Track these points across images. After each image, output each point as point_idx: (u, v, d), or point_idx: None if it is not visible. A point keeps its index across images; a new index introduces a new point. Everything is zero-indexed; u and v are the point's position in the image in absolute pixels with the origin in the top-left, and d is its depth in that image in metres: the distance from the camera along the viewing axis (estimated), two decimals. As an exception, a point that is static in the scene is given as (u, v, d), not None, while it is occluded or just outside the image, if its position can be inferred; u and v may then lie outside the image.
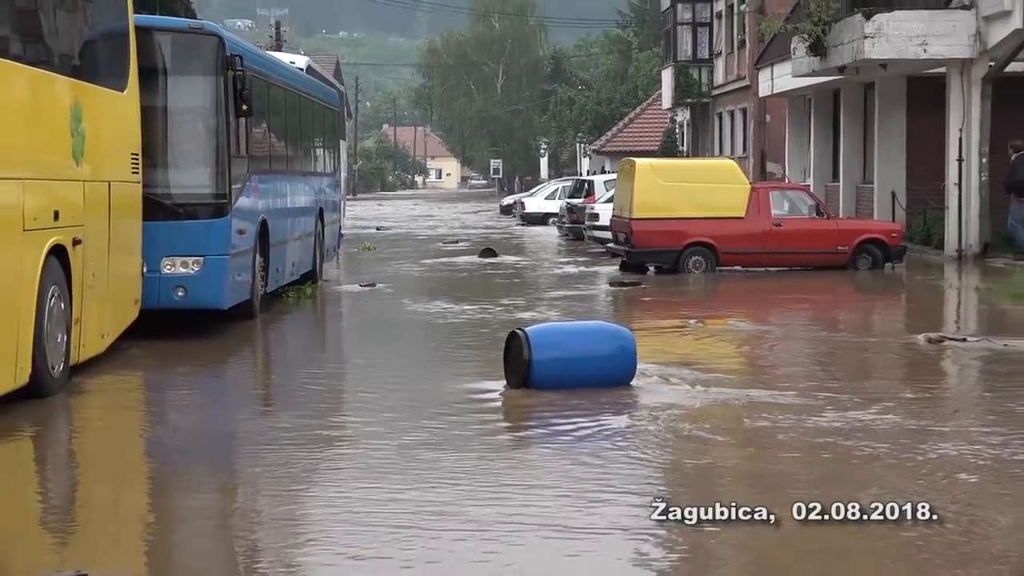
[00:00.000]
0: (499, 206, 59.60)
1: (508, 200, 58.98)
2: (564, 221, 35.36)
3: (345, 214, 28.54)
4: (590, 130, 66.08)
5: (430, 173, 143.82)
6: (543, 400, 10.08)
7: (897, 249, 22.66)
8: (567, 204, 35.68)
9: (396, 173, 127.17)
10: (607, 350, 10.60)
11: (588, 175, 47.62)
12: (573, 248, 31.29)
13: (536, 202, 46.92)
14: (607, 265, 24.67)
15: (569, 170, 71.63)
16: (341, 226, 25.30)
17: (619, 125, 60.82)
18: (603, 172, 45.35)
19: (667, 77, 47.26)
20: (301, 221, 19.08)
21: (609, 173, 38.73)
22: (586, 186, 36.49)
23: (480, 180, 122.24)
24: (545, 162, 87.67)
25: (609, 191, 29.71)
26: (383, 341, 14.99)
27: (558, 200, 41.05)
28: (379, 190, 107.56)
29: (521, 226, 44.17)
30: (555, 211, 39.94)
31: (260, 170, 15.92)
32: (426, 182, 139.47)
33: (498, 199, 68.75)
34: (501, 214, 55.17)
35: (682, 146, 50.04)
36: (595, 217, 30.00)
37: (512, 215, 51.25)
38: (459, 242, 33.80)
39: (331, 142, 23.30)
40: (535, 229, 41.57)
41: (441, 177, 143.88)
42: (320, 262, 20.76)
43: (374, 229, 40.65)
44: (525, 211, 46.78)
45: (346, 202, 31.11)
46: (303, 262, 19.32)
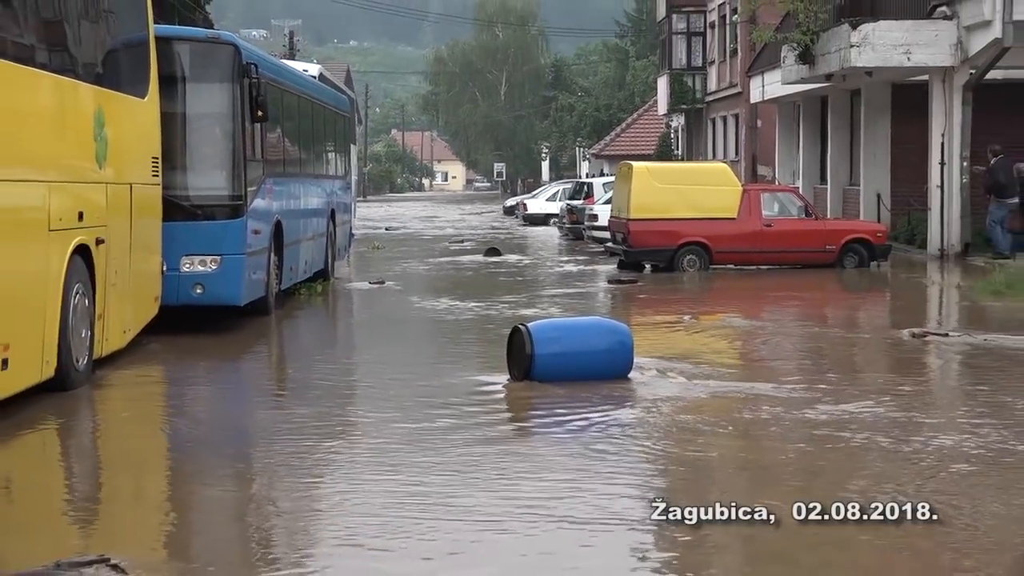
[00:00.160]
0: (502, 207, 59.56)
1: (511, 202, 58.92)
2: (564, 222, 35.30)
3: (355, 215, 28.53)
4: (589, 135, 65.99)
5: (436, 176, 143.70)
6: (544, 392, 10.05)
7: (882, 248, 22.65)
8: (567, 205, 35.61)
9: (404, 176, 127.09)
10: (606, 345, 10.59)
11: (587, 178, 47.57)
12: (573, 247, 31.23)
13: (538, 203, 46.84)
14: (605, 264, 24.64)
15: (569, 173, 71.46)
16: (352, 226, 25.28)
17: (617, 130, 60.72)
18: (602, 175, 45.25)
19: (663, 84, 47.22)
20: (314, 222, 19.05)
21: (607, 176, 38.66)
22: (585, 188, 36.45)
23: (484, 183, 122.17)
24: (546, 165, 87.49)
25: (607, 193, 29.67)
26: (392, 336, 14.97)
27: (559, 202, 40.97)
28: (388, 192, 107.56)
29: (523, 226, 44.12)
30: (556, 212, 39.88)
31: (275, 173, 15.90)
32: (433, 185, 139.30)
33: (501, 201, 68.69)
34: (504, 215, 55.13)
35: (677, 150, 49.95)
36: (594, 218, 29.96)
37: (515, 216, 51.17)
38: (464, 242, 33.75)
39: (342, 146, 23.26)
40: (537, 229, 41.51)
41: (447, 180, 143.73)
42: (332, 261, 20.73)
43: (383, 229, 40.61)
44: (527, 212, 46.71)
45: (356, 203, 31.08)
46: (316, 261, 19.30)
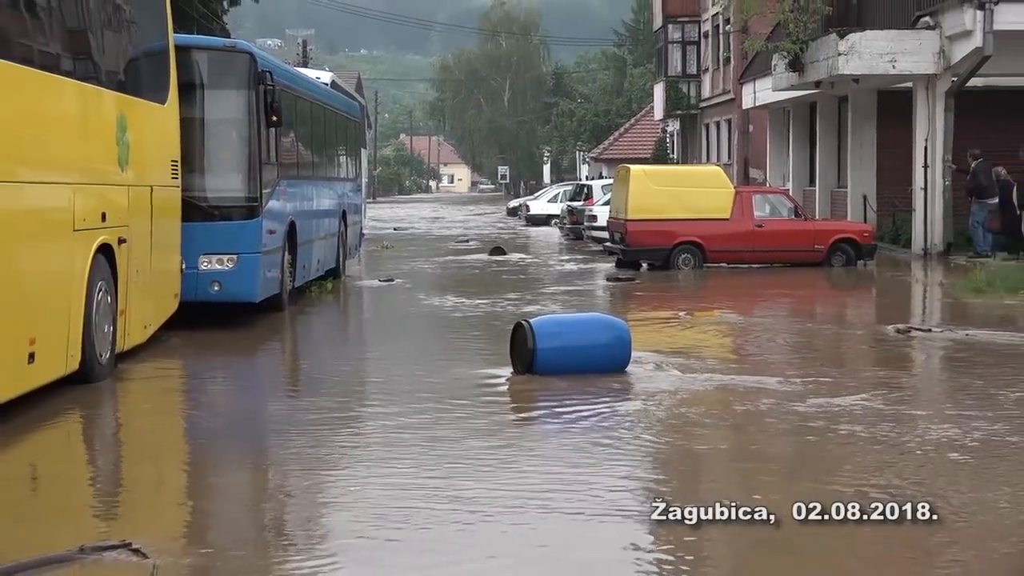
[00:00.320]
0: (506, 208, 59.47)
1: (514, 203, 58.85)
2: (565, 222, 35.25)
3: (365, 216, 28.47)
4: (589, 139, 65.97)
5: (443, 178, 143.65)
6: (546, 385, 10.04)
7: (868, 248, 22.63)
8: (568, 206, 35.56)
9: (412, 178, 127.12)
10: (605, 339, 10.57)
11: (587, 180, 47.54)
12: (573, 247, 31.19)
13: (540, 205, 46.79)
14: (604, 262, 24.60)
15: (570, 175, 71.45)
16: (362, 227, 25.23)
17: (615, 135, 60.71)
18: (601, 177, 45.24)
19: (659, 91, 47.21)
20: (326, 222, 19.04)
21: (606, 178, 38.63)
22: (585, 190, 36.38)
23: (488, 185, 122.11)
24: (548, 168, 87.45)
25: (606, 195, 29.63)
26: (400, 332, 14.95)
27: (560, 203, 40.95)
28: (396, 194, 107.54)
29: (526, 227, 44.08)
30: (557, 213, 39.85)
31: (289, 176, 15.89)
32: (439, 187, 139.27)
33: (505, 202, 68.60)
34: (508, 216, 55.06)
35: (673, 154, 49.94)
36: (593, 219, 29.92)
37: (518, 217, 51.13)
38: (470, 241, 33.69)
39: (353, 150, 23.24)
40: (539, 229, 41.46)
41: (453, 182, 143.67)
42: (343, 259, 20.71)
43: (392, 229, 40.56)
44: (529, 213, 46.65)
45: (366, 204, 31.05)
46: (327, 259, 19.28)
